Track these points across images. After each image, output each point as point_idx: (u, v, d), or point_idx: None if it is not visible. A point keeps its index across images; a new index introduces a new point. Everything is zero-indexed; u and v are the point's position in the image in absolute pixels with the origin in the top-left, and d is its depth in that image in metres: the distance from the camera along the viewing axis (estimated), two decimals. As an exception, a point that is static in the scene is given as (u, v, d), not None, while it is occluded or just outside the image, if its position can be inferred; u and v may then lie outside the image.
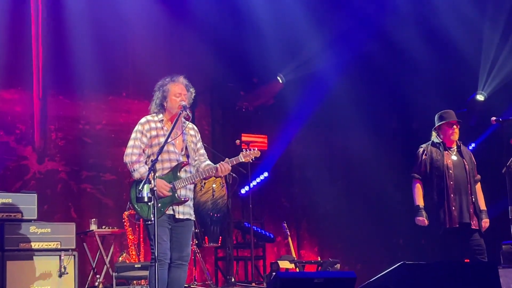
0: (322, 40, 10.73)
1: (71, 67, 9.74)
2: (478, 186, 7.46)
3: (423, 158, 7.39)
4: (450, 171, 7.26)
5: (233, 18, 10.49)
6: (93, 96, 10.13)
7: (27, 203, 7.62)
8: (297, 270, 8.99)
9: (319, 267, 9.32)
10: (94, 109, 10.17)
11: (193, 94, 6.21)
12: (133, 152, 5.95)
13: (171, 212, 5.95)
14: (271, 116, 11.32)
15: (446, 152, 7.36)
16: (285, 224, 9.80)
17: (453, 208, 7.17)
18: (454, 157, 7.36)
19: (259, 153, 6.21)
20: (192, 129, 6.24)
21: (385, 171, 11.25)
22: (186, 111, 5.92)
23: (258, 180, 10.66)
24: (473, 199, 7.27)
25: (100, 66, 9.78)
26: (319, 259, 9.79)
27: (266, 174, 10.74)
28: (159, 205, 5.76)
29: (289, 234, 9.76)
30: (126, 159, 5.96)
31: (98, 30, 9.83)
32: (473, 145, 10.68)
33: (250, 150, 6.16)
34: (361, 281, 6.04)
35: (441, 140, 7.43)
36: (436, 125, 7.47)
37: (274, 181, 11.08)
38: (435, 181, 7.31)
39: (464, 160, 7.37)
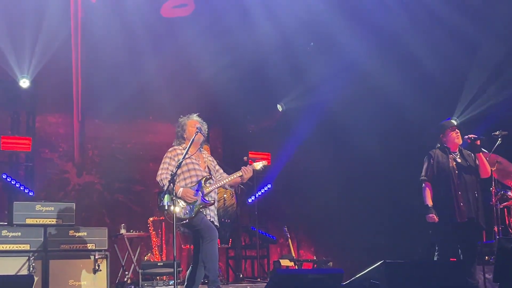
0: (323, 69, 10.38)
1: (106, 94, 9.82)
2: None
3: (431, 162, 7.05)
4: (456, 171, 6.96)
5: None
6: (124, 119, 10.30)
7: (67, 210, 7.68)
8: (296, 267, 9.01)
9: (315, 265, 9.36)
10: (125, 131, 10.40)
11: (206, 127, 6.61)
12: (163, 173, 6.39)
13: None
14: (274, 137, 11.23)
15: (451, 155, 7.07)
16: (286, 228, 9.79)
17: (462, 204, 6.82)
18: (458, 160, 7.05)
19: (267, 162, 6.76)
20: (210, 156, 6.78)
21: (373, 181, 10.98)
22: (201, 131, 6.33)
23: (262, 191, 10.52)
24: (476, 195, 6.88)
25: (130, 93, 9.83)
26: (315, 258, 9.84)
27: (269, 185, 10.59)
28: (191, 206, 6.17)
29: (289, 236, 9.73)
30: (158, 178, 6.41)
31: (129, 60, 9.74)
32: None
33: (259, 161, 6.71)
34: (350, 277, 6.03)
35: (445, 146, 7.14)
36: (443, 132, 7.14)
37: (276, 192, 10.90)
38: (442, 181, 6.96)
39: (467, 161, 7.06)
